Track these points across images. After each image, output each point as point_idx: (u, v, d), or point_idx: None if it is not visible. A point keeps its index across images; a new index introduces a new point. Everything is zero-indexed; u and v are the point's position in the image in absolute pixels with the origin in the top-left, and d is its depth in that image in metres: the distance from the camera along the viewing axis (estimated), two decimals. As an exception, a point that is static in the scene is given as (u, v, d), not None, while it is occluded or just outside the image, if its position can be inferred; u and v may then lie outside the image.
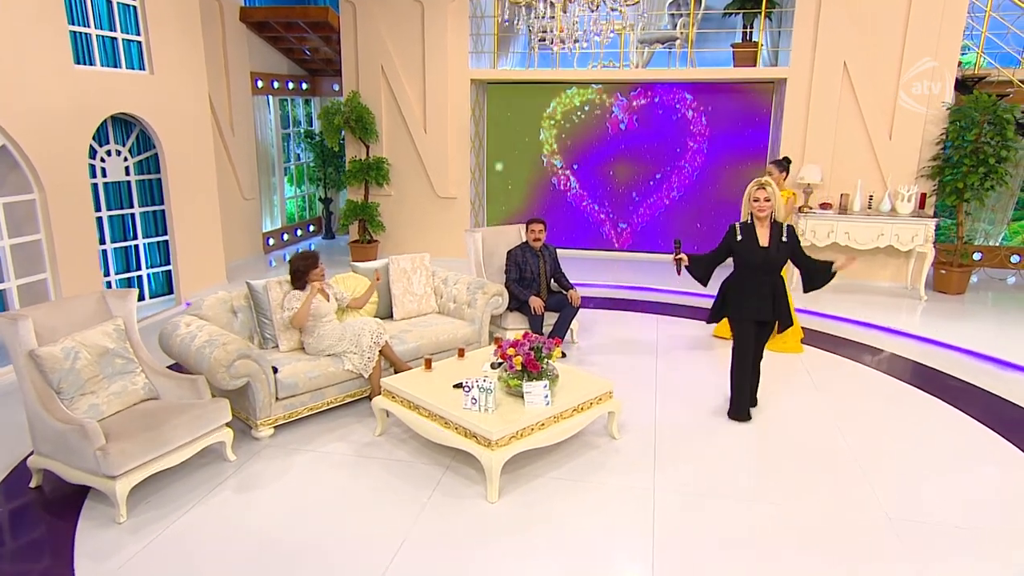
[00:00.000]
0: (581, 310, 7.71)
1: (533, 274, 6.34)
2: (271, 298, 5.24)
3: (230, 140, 9.39)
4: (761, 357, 4.97)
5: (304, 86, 11.31)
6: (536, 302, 6.16)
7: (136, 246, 7.51)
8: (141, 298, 7.63)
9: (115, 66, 6.78)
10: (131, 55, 6.95)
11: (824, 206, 8.68)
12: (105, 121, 6.93)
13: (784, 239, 4.64)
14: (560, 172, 10.42)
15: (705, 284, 5.02)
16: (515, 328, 6.28)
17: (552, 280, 6.51)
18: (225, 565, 3.43)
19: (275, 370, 4.76)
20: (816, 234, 8.47)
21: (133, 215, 7.42)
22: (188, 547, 3.57)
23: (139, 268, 7.58)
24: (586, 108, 10.15)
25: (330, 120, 9.37)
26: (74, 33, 6.37)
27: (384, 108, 9.87)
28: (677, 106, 9.89)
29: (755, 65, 9.06)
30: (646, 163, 10.14)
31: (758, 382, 5.05)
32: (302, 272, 5.20)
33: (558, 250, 10.37)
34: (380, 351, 5.16)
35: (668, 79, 9.52)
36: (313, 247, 11.56)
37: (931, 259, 8.35)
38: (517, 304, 6.30)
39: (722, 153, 9.87)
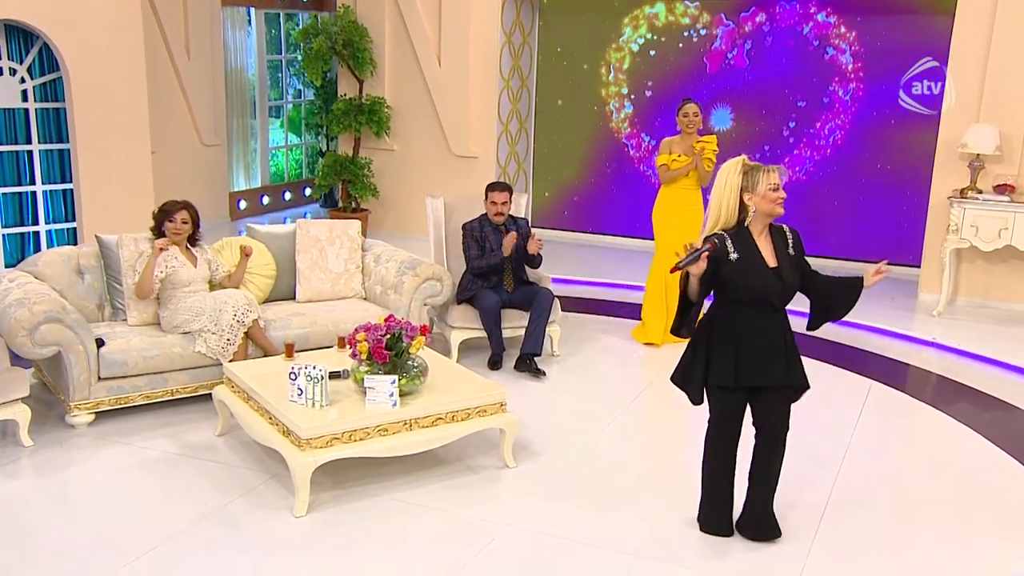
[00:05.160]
0: (617, 319, 8.31)
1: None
2: (123, 257, 6.31)
3: (184, 65, 10.82)
4: (776, 450, 4.57)
5: (304, -3, 12.67)
6: (511, 238, 6.92)
7: (33, 193, 8.95)
8: (37, 262, 9.08)
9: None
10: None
11: (1002, 188, 8.63)
12: (-8, 30, 8.36)
13: (790, 250, 4.48)
14: (633, 129, 10.99)
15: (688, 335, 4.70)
16: (463, 327, 7.04)
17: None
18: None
19: (100, 343, 5.81)
20: (979, 232, 8.47)
21: (31, 152, 8.86)
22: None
23: (37, 222, 9.03)
24: (675, 35, 10.66)
25: (309, 44, 10.54)
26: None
27: (388, 32, 10.94)
28: (810, 33, 10.17)
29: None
30: (762, 118, 10.47)
31: (767, 487, 4.64)
32: (160, 224, 6.23)
33: (619, 238, 10.97)
34: (247, 334, 6.10)
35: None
36: (308, 216, 12.84)
37: None
38: (471, 292, 7.03)
39: (881, 104, 10.02)
